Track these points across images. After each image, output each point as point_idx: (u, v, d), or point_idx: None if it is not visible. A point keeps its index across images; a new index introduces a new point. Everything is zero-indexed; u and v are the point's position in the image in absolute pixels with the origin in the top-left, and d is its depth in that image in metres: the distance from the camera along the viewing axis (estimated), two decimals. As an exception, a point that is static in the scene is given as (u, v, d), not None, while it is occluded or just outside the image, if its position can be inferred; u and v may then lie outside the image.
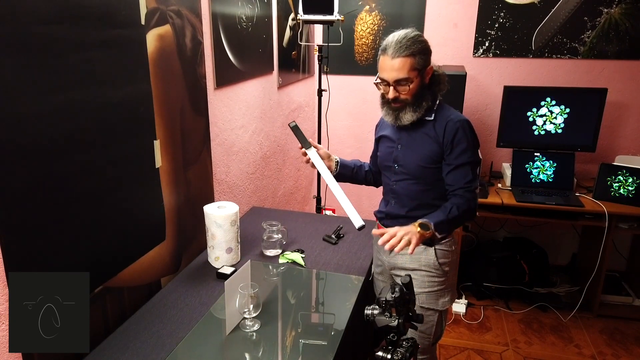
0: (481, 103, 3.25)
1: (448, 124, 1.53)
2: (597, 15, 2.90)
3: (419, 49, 1.47)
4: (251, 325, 1.44)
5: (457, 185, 1.53)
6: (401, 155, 1.62)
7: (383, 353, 1.28)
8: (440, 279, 1.62)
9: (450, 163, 1.53)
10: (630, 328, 2.79)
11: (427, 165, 1.56)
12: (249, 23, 2.24)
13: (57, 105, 1.18)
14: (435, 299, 1.63)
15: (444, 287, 1.64)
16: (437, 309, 1.64)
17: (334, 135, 3.52)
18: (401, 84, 1.49)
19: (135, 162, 1.51)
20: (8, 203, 1.08)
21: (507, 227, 3.36)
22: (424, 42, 1.50)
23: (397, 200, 1.67)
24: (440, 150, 1.54)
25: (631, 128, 3.06)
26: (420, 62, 1.48)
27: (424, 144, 1.57)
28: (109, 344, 1.37)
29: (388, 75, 1.49)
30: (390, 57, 1.47)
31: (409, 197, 1.63)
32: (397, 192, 1.66)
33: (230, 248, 1.80)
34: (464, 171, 1.53)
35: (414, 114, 1.53)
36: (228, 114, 2.13)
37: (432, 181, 1.58)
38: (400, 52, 1.45)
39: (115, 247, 1.45)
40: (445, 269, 1.63)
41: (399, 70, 1.47)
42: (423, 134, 1.57)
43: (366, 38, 3.31)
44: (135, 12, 1.44)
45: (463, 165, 1.53)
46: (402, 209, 1.65)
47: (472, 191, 1.54)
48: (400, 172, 1.63)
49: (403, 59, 1.45)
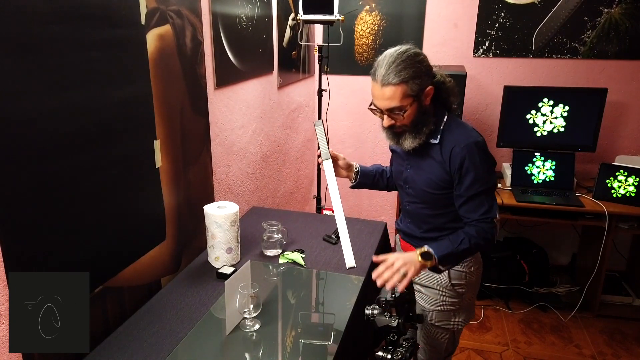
0: (481, 103, 3.25)
1: (454, 149, 1.37)
2: (597, 15, 2.90)
3: (411, 74, 1.28)
4: (251, 325, 1.44)
5: (472, 218, 1.39)
6: (410, 177, 1.50)
7: (383, 353, 1.29)
8: (454, 299, 1.53)
9: (461, 195, 1.39)
10: (630, 328, 2.79)
11: (433, 192, 1.43)
12: (249, 23, 2.24)
13: (57, 105, 1.18)
14: (446, 317, 1.56)
15: (458, 307, 1.55)
16: (448, 328, 1.57)
17: (334, 135, 3.52)
18: (394, 112, 1.33)
19: (135, 162, 1.51)
20: (8, 203, 1.08)
21: (507, 227, 3.36)
22: (420, 63, 1.31)
23: (412, 221, 1.59)
24: (448, 177, 1.40)
25: (631, 128, 3.06)
26: (415, 87, 1.30)
27: (430, 168, 1.43)
28: (109, 344, 1.37)
29: (379, 104, 1.34)
30: (379, 84, 1.30)
31: (421, 220, 1.54)
32: (411, 213, 1.57)
33: (230, 248, 1.80)
34: (477, 202, 1.38)
35: (414, 141, 1.39)
36: (228, 114, 2.13)
37: (441, 206, 1.46)
38: (389, 79, 1.27)
39: (116, 247, 1.45)
40: (459, 291, 1.52)
41: (390, 99, 1.30)
42: (430, 158, 1.43)
43: (366, 38, 3.30)
44: (135, 12, 1.44)
45: (476, 195, 1.37)
46: (417, 230, 1.57)
47: (490, 221, 1.38)
48: (411, 194, 1.52)
49: (393, 87, 1.28)
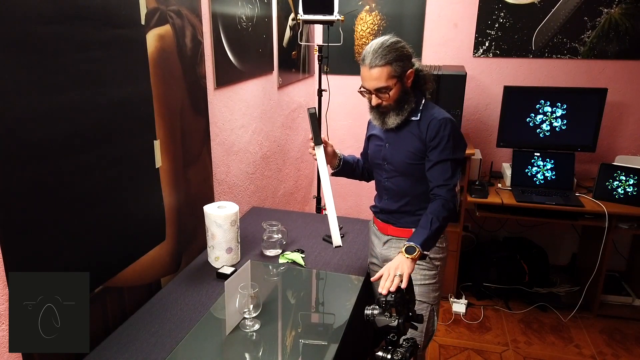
0: (481, 103, 3.25)
1: (431, 122, 1.57)
2: (597, 15, 2.90)
3: (394, 56, 1.50)
4: (251, 325, 1.44)
5: (436, 183, 1.57)
6: (389, 153, 1.67)
7: (383, 353, 1.28)
8: (432, 272, 1.68)
9: (431, 159, 1.58)
10: (630, 328, 2.79)
11: (413, 162, 1.62)
12: (249, 23, 2.24)
13: (57, 105, 1.18)
14: (427, 292, 1.69)
15: (435, 281, 1.70)
16: (429, 303, 1.68)
17: (334, 135, 3.52)
18: (381, 91, 1.54)
19: (135, 162, 1.51)
20: (8, 203, 1.08)
21: (507, 227, 3.36)
22: (400, 49, 1.53)
23: (389, 196, 1.73)
24: (423, 148, 1.59)
25: (631, 128, 3.06)
26: (398, 69, 1.52)
27: (409, 142, 1.62)
28: (109, 344, 1.37)
29: (368, 85, 1.55)
30: (368, 67, 1.52)
31: (401, 192, 1.69)
32: (389, 189, 1.72)
33: (230, 248, 1.80)
34: (443, 168, 1.56)
35: (397, 117, 1.59)
36: (228, 114, 2.13)
37: (419, 176, 1.63)
38: (376, 62, 1.50)
39: (115, 247, 1.45)
40: (436, 264, 1.69)
41: (377, 79, 1.52)
42: (408, 133, 1.62)
43: (366, 38, 3.30)
44: (135, 12, 1.44)
45: (443, 161, 1.56)
46: (395, 204, 1.71)
47: (451, 189, 1.56)
48: (390, 169, 1.69)
49: (380, 69, 1.50)
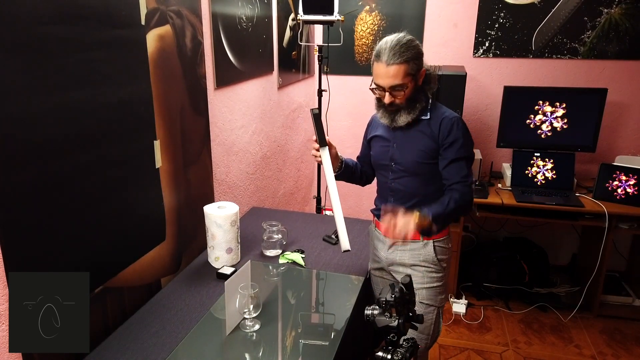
0: (481, 103, 3.25)
1: (443, 120, 1.58)
2: (597, 15, 2.90)
3: (412, 54, 1.50)
4: (251, 326, 1.44)
5: (454, 180, 1.57)
6: (398, 153, 1.65)
7: (383, 353, 1.28)
8: (439, 274, 1.67)
9: (447, 157, 1.58)
10: (630, 328, 2.79)
11: (424, 161, 1.61)
12: (249, 23, 2.24)
13: (57, 105, 1.18)
14: (434, 295, 1.67)
15: (442, 283, 1.69)
16: (436, 305, 1.68)
17: (334, 135, 3.52)
18: (396, 89, 1.52)
19: (135, 162, 1.51)
20: (8, 203, 1.08)
21: (507, 227, 3.36)
22: (417, 47, 1.53)
23: (396, 198, 1.70)
24: (436, 146, 1.59)
25: (631, 128, 3.06)
26: (414, 67, 1.51)
27: (419, 141, 1.61)
28: (109, 344, 1.37)
29: (383, 82, 1.52)
30: (384, 64, 1.49)
31: (409, 193, 1.67)
32: (396, 190, 1.69)
33: (230, 248, 1.80)
34: (459, 166, 1.57)
35: (409, 116, 1.58)
36: (228, 114, 2.13)
37: (429, 176, 1.63)
38: (394, 59, 1.48)
39: (115, 247, 1.45)
40: (443, 265, 1.68)
41: (394, 77, 1.50)
42: (418, 132, 1.61)
43: (366, 38, 3.30)
44: (135, 12, 1.44)
45: (459, 159, 1.57)
46: (403, 205, 1.67)
47: (469, 185, 1.58)
48: (398, 169, 1.66)
49: (398, 66, 1.48)
